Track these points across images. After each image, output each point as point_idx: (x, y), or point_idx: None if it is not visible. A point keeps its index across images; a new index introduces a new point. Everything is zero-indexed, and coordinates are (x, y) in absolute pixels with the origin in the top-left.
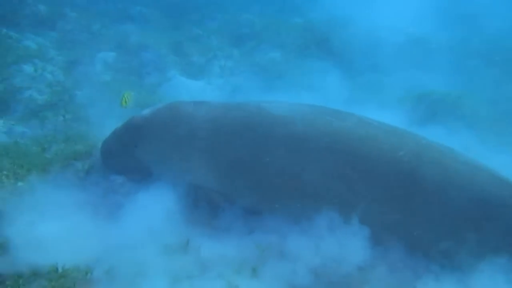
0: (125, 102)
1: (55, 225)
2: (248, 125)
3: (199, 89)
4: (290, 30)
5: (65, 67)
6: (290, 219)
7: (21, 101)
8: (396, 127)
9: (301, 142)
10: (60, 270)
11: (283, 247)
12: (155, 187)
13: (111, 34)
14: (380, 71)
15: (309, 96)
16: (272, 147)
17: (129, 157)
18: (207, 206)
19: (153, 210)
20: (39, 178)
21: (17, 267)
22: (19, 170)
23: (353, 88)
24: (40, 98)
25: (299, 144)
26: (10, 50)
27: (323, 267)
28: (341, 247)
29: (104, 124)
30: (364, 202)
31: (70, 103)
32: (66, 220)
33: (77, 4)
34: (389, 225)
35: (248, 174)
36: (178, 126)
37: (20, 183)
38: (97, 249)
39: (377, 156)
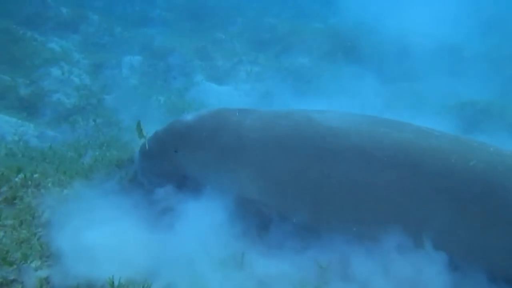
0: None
1: (104, 235)
2: (300, 137)
3: (227, 94)
4: (314, 35)
5: (91, 71)
6: (349, 238)
7: (49, 105)
8: (458, 135)
9: (358, 155)
10: (116, 283)
11: (345, 268)
12: (201, 197)
13: (133, 38)
14: (412, 79)
15: (341, 103)
16: (326, 161)
17: (168, 162)
18: (256, 220)
19: (202, 221)
20: (84, 186)
21: (70, 278)
22: (63, 177)
23: (387, 95)
24: (68, 101)
25: (356, 158)
26: (37, 53)
27: None
28: (411, 272)
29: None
30: (434, 220)
31: (99, 107)
32: (114, 230)
33: (97, 7)
34: (465, 246)
35: (301, 189)
36: (223, 135)
37: (65, 191)
38: (149, 261)
39: (446, 168)
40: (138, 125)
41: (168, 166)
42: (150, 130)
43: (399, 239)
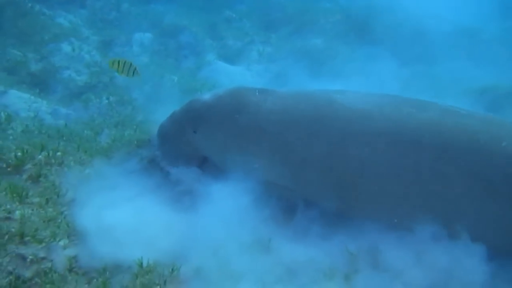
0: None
1: (128, 215)
2: (321, 121)
3: (239, 74)
4: (326, 15)
5: (101, 47)
6: (374, 223)
7: (60, 81)
8: (488, 114)
9: (382, 138)
10: (145, 264)
11: (374, 254)
12: (223, 180)
13: (141, 14)
14: (429, 62)
15: (357, 84)
16: (350, 144)
17: (186, 143)
18: (279, 203)
19: (225, 204)
20: (105, 165)
21: (96, 259)
22: (84, 156)
23: (403, 79)
24: (79, 79)
25: (380, 141)
26: (46, 27)
27: (424, 280)
28: (443, 259)
29: (150, 109)
30: (463, 204)
31: (111, 85)
32: (138, 211)
33: None
34: (496, 231)
35: (324, 173)
36: (243, 116)
37: (87, 170)
38: (173, 243)
39: (475, 149)
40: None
41: (187, 147)
42: (167, 110)
43: (427, 224)
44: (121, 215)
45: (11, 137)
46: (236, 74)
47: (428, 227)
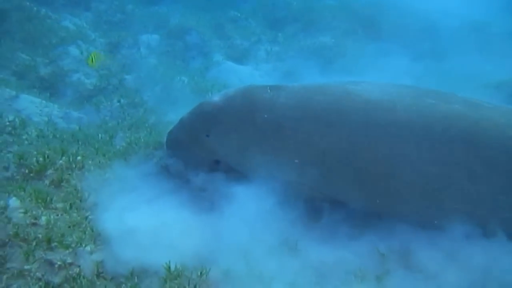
0: (92, 61)
1: (150, 219)
2: (341, 113)
3: (248, 74)
4: (332, 12)
5: (108, 50)
6: (402, 218)
7: (70, 85)
8: (510, 107)
9: (406, 130)
10: (173, 268)
11: (405, 254)
12: (241, 182)
13: (145, 16)
14: (439, 57)
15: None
16: (373, 138)
17: (200, 148)
18: (303, 202)
19: (248, 205)
20: (124, 169)
21: (122, 264)
22: (103, 159)
23: (415, 75)
24: (88, 82)
25: (404, 133)
26: (52, 31)
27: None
28: (478, 258)
29: (162, 110)
30: (490, 197)
31: (121, 87)
32: (160, 214)
33: None
34: None
35: (345, 169)
36: (258, 114)
37: (107, 174)
38: (199, 246)
39: (503, 142)
40: (92, 54)
41: (201, 152)
42: (179, 111)
43: (459, 222)
44: (143, 218)
45: (26, 142)
46: (245, 74)
47: (461, 225)
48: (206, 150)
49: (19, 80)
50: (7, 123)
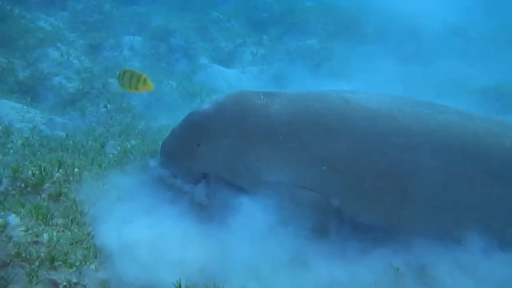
0: (134, 86)
1: (152, 234)
2: (340, 120)
3: (235, 77)
4: (314, 15)
5: (88, 52)
6: (397, 226)
7: (51, 89)
8: (498, 118)
9: (408, 138)
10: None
11: (420, 268)
12: (241, 193)
13: (124, 16)
14: (422, 61)
15: (358, 85)
16: (374, 146)
17: (191, 159)
18: (304, 213)
19: (250, 218)
20: (121, 180)
21: (128, 283)
22: (99, 170)
23: (401, 78)
24: (70, 85)
25: (406, 141)
26: (29, 32)
27: None
28: (497, 271)
29: (152, 116)
30: (490, 206)
31: (105, 91)
32: (162, 229)
33: None
34: None
35: (345, 175)
36: (251, 120)
37: (105, 186)
38: (207, 262)
39: (502, 153)
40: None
41: (193, 163)
42: (170, 116)
43: (453, 226)
44: (145, 232)
45: (11, 151)
46: (232, 77)
47: (475, 237)
48: (197, 161)
49: None
50: None
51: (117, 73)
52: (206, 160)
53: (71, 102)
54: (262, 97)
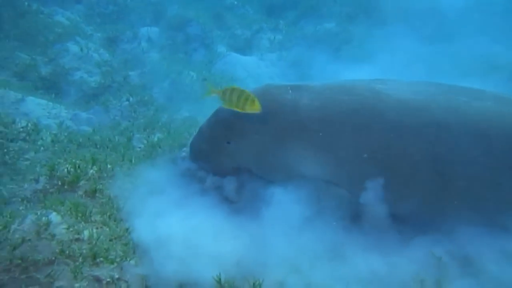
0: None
1: (188, 228)
2: (371, 113)
3: (253, 65)
4: None
5: (106, 45)
6: (437, 221)
7: (73, 84)
8: None
9: (443, 131)
10: (223, 281)
11: (463, 256)
12: (274, 188)
13: (138, 6)
14: (445, 39)
15: (380, 67)
16: (407, 139)
17: (223, 156)
18: (338, 206)
19: (284, 212)
20: (153, 174)
21: (167, 277)
22: (130, 165)
23: (424, 58)
24: (92, 80)
25: (441, 134)
26: (48, 27)
27: None
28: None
29: (175, 107)
30: None
31: (126, 84)
32: (197, 223)
33: None
34: None
35: (379, 171)
36: (280, 116)
37: (138, 180)
38: (244, 255)
39: None
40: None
41: (225, 161)
42: (194, 108)
43: (496, 215)
44: (182, 228)
45: (42, 148)
46: (250, 65)
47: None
48: (228, 158)
49: (21, 81)
50: (21, 129)
51: (223, 90)
52: (237, 157)
53: (93, 96)
54: (289, 91)
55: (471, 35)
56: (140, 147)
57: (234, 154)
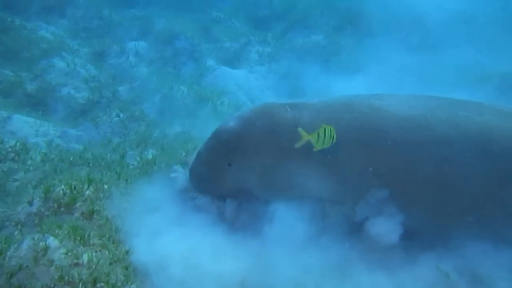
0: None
1: (189, 249)
2: (373, 131)
3: (243, 78)
4: (318, 9)
5: (93, 60)
6: (444, 237)
7: (60, 100)
8: None
9: (446, 148)
10: None
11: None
12: (277, 207)
13: (124, 20)
14: (431, 50)
15: (370, 79)
16: (410, 156)
17: (225, 179)
18: (342, 224)
19: (288, 231)
20: (151, 193)
21: None
22: (126, 185)
23: (413, 69)
24: (79, 95)
25: (444, 151)
26: (32, 42)
27: None
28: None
29: (166, 123)
30: None
31: (115, 100)
32: (197, 244)
33: None
34: None
35: (383, 188)
36: (281, 135)
37: (134, 199)
38: (252, 275)
39: None
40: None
41: (227, 183)
42: (187, 123)
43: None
44: (182, 249)
45: (31, 168)
46: (240, 78)
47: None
48: (230, 181)
49: (6, 98)
50: (9, 149)
51: (317, 133)
52: (238, 179)
53: (82, 112)
54: (289, 109)
55: (456, 45)
56: (133, 164)
57: (236, 176)
